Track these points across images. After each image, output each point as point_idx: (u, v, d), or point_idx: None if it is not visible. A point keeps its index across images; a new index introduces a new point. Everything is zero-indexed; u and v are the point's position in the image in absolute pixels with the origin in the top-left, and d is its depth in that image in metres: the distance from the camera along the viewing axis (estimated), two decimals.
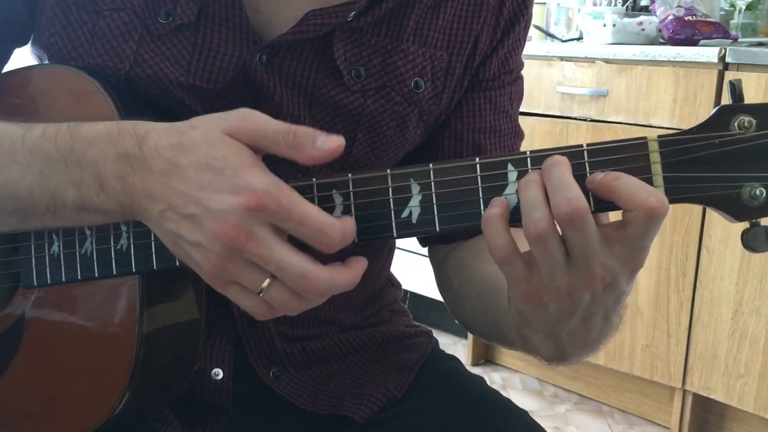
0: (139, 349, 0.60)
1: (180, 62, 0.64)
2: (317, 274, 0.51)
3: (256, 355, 0.72)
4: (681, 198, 0.50)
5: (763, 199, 0.48)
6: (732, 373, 1.90)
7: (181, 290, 0.63)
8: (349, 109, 0.67)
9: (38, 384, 0.65)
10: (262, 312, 0.53)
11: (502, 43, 0.72)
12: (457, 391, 0.76)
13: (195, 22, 0.64)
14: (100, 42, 0.64)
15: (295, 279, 0.50)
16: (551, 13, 2.46)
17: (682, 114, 1.89)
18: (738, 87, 0.50)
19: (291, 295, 0.51)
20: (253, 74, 0.65)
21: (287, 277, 0.50)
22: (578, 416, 2.20)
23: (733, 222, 0.50)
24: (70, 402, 0.64)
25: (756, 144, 0.48)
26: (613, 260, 0.49)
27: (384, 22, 0.67)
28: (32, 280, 0.63)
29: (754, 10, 2.24)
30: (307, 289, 0.51)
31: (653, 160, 0.49)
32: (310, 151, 0.51)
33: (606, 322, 0.55)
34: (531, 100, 2.19)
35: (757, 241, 0.50)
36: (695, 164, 0.49)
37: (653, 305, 2.02)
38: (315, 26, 0.64)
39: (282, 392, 0.73)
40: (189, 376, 0.66)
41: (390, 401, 0.74)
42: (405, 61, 0.68)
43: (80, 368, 0.63)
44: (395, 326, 0.82)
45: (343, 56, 0.66)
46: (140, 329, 0.60)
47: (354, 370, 0.77)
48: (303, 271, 0.50)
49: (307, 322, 0.74)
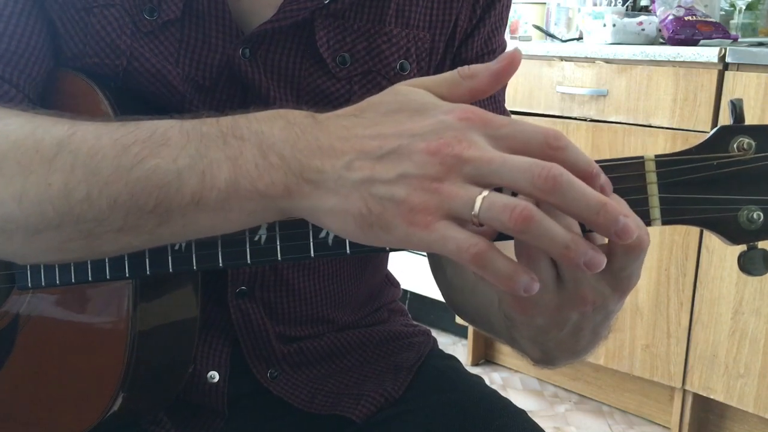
0: (131, 350, 0.59)
1: (169, 59, 0.64)
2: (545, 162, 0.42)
3: (253, 356, 0.72)
4: (676, 219, 0.49)
5: (760, 222, 0.48)
6: (732, 373, 1.90)
7: (175, 291, 0.63)
8: (336, 97, 0.67)
9: (31, 385, 0.65)
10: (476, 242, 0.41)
11: (483, 21, 0.72)
12: (455, 390, 0.76)
13: (180, 18, 0.64)
14: (94, 39, 0.64)
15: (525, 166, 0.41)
16: (551, 13, 2.45)
17: (682, 114, 1.89)
18: (739, 107, 0.49)
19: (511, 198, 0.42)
20: (238, 68, 0.65)
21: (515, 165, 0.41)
22: (578, 416, 2.20)
23: (729, 245, 0.49)
24: (63, 403, 0.64)
25: (755, 167, 0.48)
26: (604, 284, 0.48)
27: (365, 6, 0.67)
28: (27, 282, 0.63)
29: (754, 10, 2.24)
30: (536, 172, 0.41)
31: (650, 180, 0.48)
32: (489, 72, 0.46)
33: (594, 335, 0.54)
34: (531, 100, 2.19)
35: (754, 265, 0.49)
36: (692, 185, 0.48)
37: (653, 305, 2.02)
38: (292, 12, 0.64)
39: (279, 393, 0.73)
40: (183, 378, 0.66)
41: (388, 401, 0.74)
42: (389, 44, 0.68)
43: (73, 370, 0.63)
44: (393, 326, 0.82)
45: (326, 44, 0.66)
46: (133, 331, 0.59)
47: (352, 369, 0.77)
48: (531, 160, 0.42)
49: (304, 321, 0.74)
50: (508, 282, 0.41)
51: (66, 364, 0.63)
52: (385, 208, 0.42)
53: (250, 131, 0.46)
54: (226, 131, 0.47)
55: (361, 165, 0.43)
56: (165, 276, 0.59)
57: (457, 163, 0.42)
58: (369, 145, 0.43)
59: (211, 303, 0.70)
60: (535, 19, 2.46)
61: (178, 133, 0.48)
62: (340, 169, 0.43)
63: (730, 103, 0.49)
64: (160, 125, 0.49)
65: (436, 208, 0.42)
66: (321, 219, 0.45)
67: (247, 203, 0.46)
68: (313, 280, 0.73)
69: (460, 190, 0.42)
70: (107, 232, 0.50)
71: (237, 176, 0.46)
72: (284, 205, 0.46)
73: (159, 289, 0.62)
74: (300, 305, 0.73)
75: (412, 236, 0.42)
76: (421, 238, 0.42)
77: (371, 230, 0.43)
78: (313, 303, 0.74)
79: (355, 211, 0.43)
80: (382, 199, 0.42)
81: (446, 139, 0.42)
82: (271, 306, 0.72)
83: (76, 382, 0.63)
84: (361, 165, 0.43)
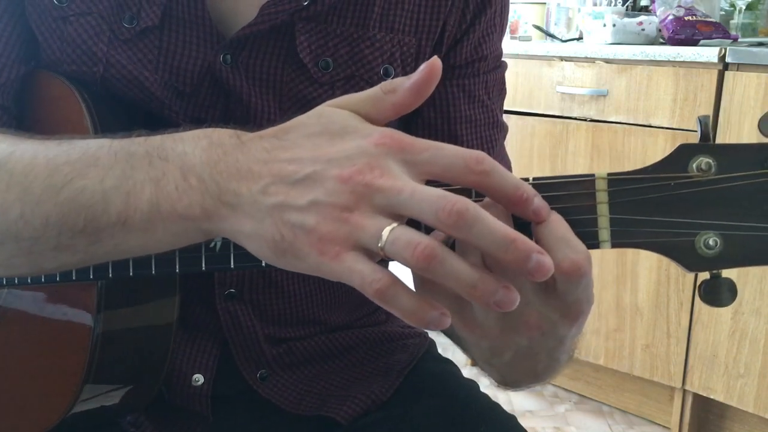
0: (93, 352, 0.59)
1: (148, 66, 0.64)
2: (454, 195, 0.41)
3: (242, 357, 0.71)
4: (628, 243, 0.45)
5: (717, 249, 0.44)
6: (732, 373, 1.90)
7: (147, 295, 0.63)
8: (318, 102, 0.65)
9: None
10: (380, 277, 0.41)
11: (473, 27, 0.70)
12: (444, 395, 0.75)
13: (159, 25, 0.64)
14: (71, 47, 0.64)
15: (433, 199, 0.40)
16: (551, 13, 2.45)
17: (682, 114, 1.89)
18: (705, 123, 0.46)
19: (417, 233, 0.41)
20: (219, 75, 0.64)
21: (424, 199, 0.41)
22: (578, 416, 2.20)
23: (686, 273, 0.46)
24: (26, 401, 0.63)
25: (714, 188, 0.44)
26: (551, 309, 0.46)
27: (348, 9, 0.66)
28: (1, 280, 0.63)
29: (754, 10, 2.24)
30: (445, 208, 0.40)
31: (600, 199, 0.45)
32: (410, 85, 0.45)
33: (551, 359, 0.52)
34: (531, 100, 2.19)
35: (716, 295, 0.45)
36: (646, 207, 0.45)
37: (653, 305, 2.02)
38: (271, 15, 0.63)
39: (267, 395, 0.72)
40: (158, 381, 0.66)
41: (375, 403, 0.74)
42: (372, 49, 0.67)
43: (38, 368, 0.63)
44: (389, 327, 0.81)
45: (307, 48, 0.65)
46: (95, 332, 0.59)
47: (342, 371, 0.76)
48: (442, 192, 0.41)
49: (294, 322, 0.74)
50: (413, 318, 0.40)
51: (31, 364, 0.63)
52: (296, 235, 0.42)
53: (175, 152, 0.47)
54: (152, 152, 0.48)
55: (276, 190, 0.43)
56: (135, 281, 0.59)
57: (368, 192, 0.41)
58: (286, 169, 0.43)
59: (199, 306, 0.69)
60: (535, 19, 2.46)
61: (107, 154, 0.49)
62: (256, 194, 0.43)
63: (698, 119, 0.46)
64: (91, 145, 0.50)
65: (344, 239, 0.41)
66: (241, 241, 0.45)
67: (170, 225, 0.46)
68: (304, 282, 0.73)
69: (369, 220, 0.41)
70: (45, 250, 0.51)
71: (158, 198, 0.46)
72: (206, 227, 0.46)
73: (130, 291, 0.61)
74: (290, 307, 0.73)
75: (321, 266, 0.42)
76: (331, 268, 0.41)
77: (285, 257, 0.43)
78: (304, 305, 0.73)
79: (269, 236, 0.43)
80: (293, 226, 0.42)
81: (359, 166, 0.41)
82: (261, 308, 0.71)
83: (39, 381, 0.63)
84: (276, 190, 0.43)
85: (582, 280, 0.43)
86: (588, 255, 0.43)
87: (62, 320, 0.62)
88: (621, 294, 2.08)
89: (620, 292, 2.08)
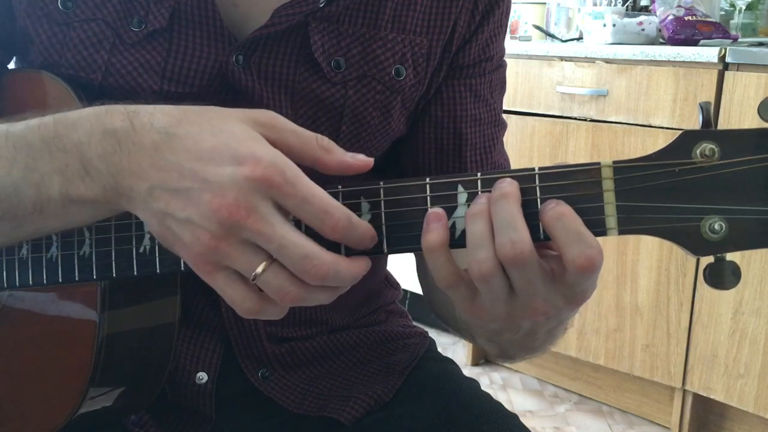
0: (98, 352, 0.59)
1: (154, 68, 0.64)
2: (321, 255, 0.46)
3: (244, 356, 0.71)
4: (634, 229, 0.46)
5: (723, 233, 0.45)
6: (732, 373, 1.90)
7: (149, 295, 0.63)
8: (331, 102, 0.67)
9: (1, 384, 0.65)
10: (249, 305, 0.48)
11: (482, 28, 0.71)
12: (446, 394, 0.75)
13: (168, 27, 0.64)
14: (71, 53, 0.64)
15: (297, 259, 0.46)
16: (551, 13, 2.45)
17: (682, 114, 1.89)
18: (706, 110, 0.46)
19: (288, 279, 0.47)
20: (231, 75, 0.64)
21: (288, 257, 0.46)
22: (578, 416, 2.20)
23: (692, 257, 0.47)
24: (31, 403, 0.63)
25: (718, 174, 0.45)
26: (557, 297, 0.48)
27: (360, 10, 0.67)
28: (2, 282, 0.63)
29: (754, 10, 2.24)
30: (309, 272, 0.46)
31: (606, 187, 0.46)
32: (342, 156, 0.49)
33: (549, 336, 0.55)
34: (531, 100, 2.19)
35: (721, 278, 0.46)
36: (652, 193, 0.46)
37: (653, 305, 2.02)
38: (287, 17, 0.63)
39: (270, 394, 0.72)
40: (161, 380, 0.66)
41: (377, 404, 0.74)
42: (384, 49, 0.68)
43: (43, 370, 0.63)
44: (389, 326, 0.82)
45: (320, 48, 0.66)
46: (100, 333, 0.59)
47: (344, 371, 0.77)
48: (306, 251, 0.46)
49: (296, 322, 0.74)
50: None
51: (36, 366, 0.63)
52: (176, 243, 0.48)
53: (71, 142, 0.50)
54: (49, 141, 0.51)
55: (159, 195, 0.47)
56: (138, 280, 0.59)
57: (235, 228, 0.45)
58: (169, 176, 0.47)
59: (203, 304, 0.70)
60: (535, 19, 2.46)
61: (5, 145, 0.52)
62: (144, 193, 0.48)
63: (699, 106, 0.47)
64: None
65: (215, 262, 0.47)
66: None
67: (83, 208, 0.51)
68: None
69: (239, 252, 0.46)
70: None
71: (67, 188, 0.50)
72: (114, 208, 0.51)
73: (131, 293, 0.61)
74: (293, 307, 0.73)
75: (199, 273, 0.48)
76: (206, 280, 0.48)
77: (173, 250, 0.49)
78: None
79: (157, 232, 0.49)
80: (174, 234, 0.47)
81: (227, 201, 0.45)
82: None
83: (45, 383, 0.62)
84: (160, 195, 0.47)
85: (594, 273, 0.45)
86: (600, 248, 0.45)
87: (66, 321, 0.62)
88: (621, 294, 2.08)
89: (620, 292, 2.08)
